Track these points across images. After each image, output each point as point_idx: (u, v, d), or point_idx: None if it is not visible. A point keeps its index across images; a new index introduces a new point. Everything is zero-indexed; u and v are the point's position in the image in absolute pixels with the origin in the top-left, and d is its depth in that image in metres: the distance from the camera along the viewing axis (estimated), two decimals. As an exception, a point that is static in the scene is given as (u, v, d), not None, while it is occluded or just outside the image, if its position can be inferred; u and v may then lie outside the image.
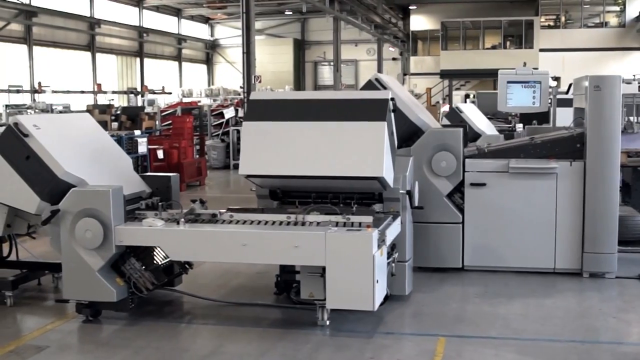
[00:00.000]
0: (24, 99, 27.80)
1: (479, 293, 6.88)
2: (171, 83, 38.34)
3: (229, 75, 44.06)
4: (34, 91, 27.75)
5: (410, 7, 38.61)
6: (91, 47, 31.87)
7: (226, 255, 5.72)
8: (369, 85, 7.61)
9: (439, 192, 7.46)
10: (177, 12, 39.92)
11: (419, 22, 39.42)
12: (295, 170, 5.92)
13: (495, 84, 39.89)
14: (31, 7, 27.89)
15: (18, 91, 27.01)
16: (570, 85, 17.78)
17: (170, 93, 35.45)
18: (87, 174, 6.10)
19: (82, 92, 30.19)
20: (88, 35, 31.64)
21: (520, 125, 14.31)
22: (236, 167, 19.27)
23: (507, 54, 35.09)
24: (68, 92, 29.04)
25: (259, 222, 5.95)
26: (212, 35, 44.82)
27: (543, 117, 12.46)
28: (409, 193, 6.39)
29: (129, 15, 35.20)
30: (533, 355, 5.28)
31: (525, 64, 8.08)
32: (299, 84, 42.57)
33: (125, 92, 33.68)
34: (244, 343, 5.56)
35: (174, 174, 6.90)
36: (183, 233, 5.77)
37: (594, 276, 7.29)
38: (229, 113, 18.30)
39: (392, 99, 6.02)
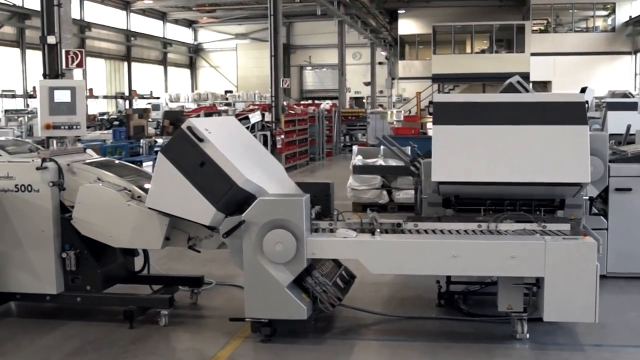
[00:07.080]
0: (17, 103, 26.89)
1: (645, 301, 6.70)
2: (156, 87, 37.59)
3: (212, 80, 43.49)
4: (28, 96, 26.83)
5: (398, 12, 38.62)
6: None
7: (433, 267, 5.36)
8: (510, 88, 7.39)
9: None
10: (162, 16, 39.19)
11: (407, 26, 39.43)
12: (494, 177, 5.62)
13: (484, 88, 39.73)
14: (24, 10, 26.99)
15: (13, 96, 26.09)
16: (583, 90, 17.76)
17: (159, 97, 34.77)
18: (263, 182, 5.70)
19: (76, 96, 29.30)
20: (78, 38, 30.73)
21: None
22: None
23: (498, 58, 35.38)
24: (62, 97, 28.11)
25: (450, 231, 5.63)
26: (195, 39, 44.14)
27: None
28: (592, 199, 6.18)
29: (117, 18, 34.40)
30: None
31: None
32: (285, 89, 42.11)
33: (114, 97, 32.89)
34: (455, 360, 5.24)
35: (330, 181, 6.51)
36: (385, 244, 5.41)
37: None
38: (255, 118, 17.79)
39: (587, 101, 5.79)
